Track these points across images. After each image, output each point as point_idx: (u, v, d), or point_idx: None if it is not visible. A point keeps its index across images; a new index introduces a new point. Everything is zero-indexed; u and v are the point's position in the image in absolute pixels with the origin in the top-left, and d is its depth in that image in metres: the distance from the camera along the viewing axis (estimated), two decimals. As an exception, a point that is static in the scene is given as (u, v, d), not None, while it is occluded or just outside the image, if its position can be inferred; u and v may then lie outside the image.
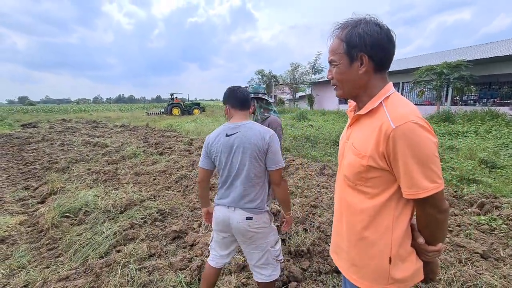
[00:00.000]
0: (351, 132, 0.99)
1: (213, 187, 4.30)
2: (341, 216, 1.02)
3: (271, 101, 2.18)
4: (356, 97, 0.96)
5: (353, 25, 0.87)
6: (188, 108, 24.05)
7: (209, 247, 1.84)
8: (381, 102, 0.88)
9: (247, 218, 1.56)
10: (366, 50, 0.85)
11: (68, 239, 2.80)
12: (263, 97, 2.18)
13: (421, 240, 0.90)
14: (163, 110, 24.80)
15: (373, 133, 0.85)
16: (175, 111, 23.08)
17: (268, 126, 2.07)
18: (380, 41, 0.85)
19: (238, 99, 1.65)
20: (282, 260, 1.77)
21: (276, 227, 1.74)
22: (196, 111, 23.80)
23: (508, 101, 13.71)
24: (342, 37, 0.89)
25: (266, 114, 2.19)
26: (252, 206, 1.58)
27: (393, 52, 0.89)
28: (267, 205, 1.77)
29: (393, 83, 0.92)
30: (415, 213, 0.92)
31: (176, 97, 25.00)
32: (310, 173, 5.03)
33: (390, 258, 0.90)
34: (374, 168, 0.86)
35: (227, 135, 1.58)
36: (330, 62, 0.94)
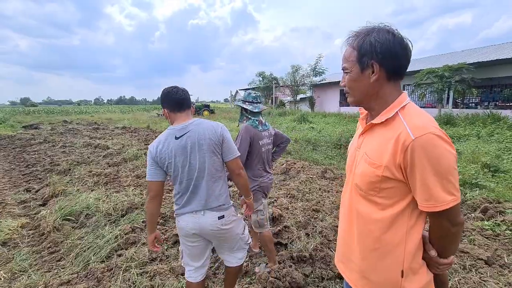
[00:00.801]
0: (363, 140, 0.97)
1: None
2: (351, 226, 0.99)
3: (255, 111, 2.26)
4: (367, 105, 0.96)
5: (366, 33, 0.87)
6: (198, 109, 24.70)
7: (182, 264, 1.76)
8: (397, 112, 0.86)
9: (220, 218, 1.56)
10: (377, 58, 0.85)
11: (70, 242, 2.80)
12: (246, 107, 2.27)
13: (433, 253, 0.88)
14: None
15: (389, 143, 0.83)
16: None
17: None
18: (392, 49, 0.84)
19: (173, 101, 1.57)
20: (250, 242, 1.88)
21: (241, 215, 1.81)
22: (205, 112, 24.73)
23: (510, 103, 13.68)
24: (354, 45, 0.89)
25: (245, 122, 2.26)
26: (220, 203, 1.58)
27: (406, 60, 0.87)
28: (240, 213, 1.84)
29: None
30: (426, 224, 0.91)
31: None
32: (312, 176, 5.02)
33: (402, 271, 0.87)
34: (389, 179, 0.84)
35: (176, 138, 1.52)
36: (343, 69, 0.94)
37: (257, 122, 2.28)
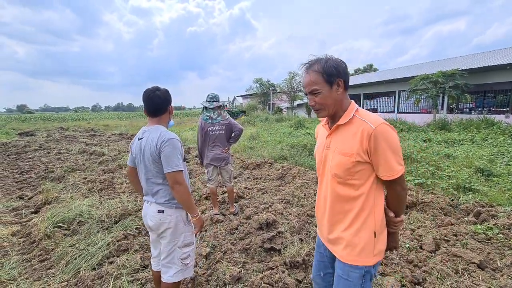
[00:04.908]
0: (331, 140, 1.25)
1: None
2: (333, 209, 1.25)
3: (210, 107, 3.35)
4: (335, 113, 1.23)
5: (324, 60, 1.16)
6: (236, 114, 25.13)
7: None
8: (354, 114, 1.17)
9: (159, 211, 1.71)
10: (341, 76, 1.16)
11: (61, 250, 2.76)
12: (205, 104, 3.36)
13: (391, 214, 1.23)
14: None
15: (355, 136, 1.13)
16: None
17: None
18: (345, 69, 1.18)
19: (147, 107, 1.73)
20: (190, 265, 1.82)
21: (193, 232, 1.83)
22: (242, 117, 24.88)
23: (503, 109, 13.86)
24: (320, 70, 1.15)
25: (200, 115, 3.13)
26: (162, 201, 1.72)
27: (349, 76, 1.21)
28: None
29: (389, 92, 1.10)
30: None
31: (226, 105, 27.42)
32: (307, 182, 5.02)
33: (374, 232, 1.19)
34: (360, 163, 1.13)
35: (139, 139, 1.74)
36: (311, 92, 1.17)
37: (207, 117, 3.38)
